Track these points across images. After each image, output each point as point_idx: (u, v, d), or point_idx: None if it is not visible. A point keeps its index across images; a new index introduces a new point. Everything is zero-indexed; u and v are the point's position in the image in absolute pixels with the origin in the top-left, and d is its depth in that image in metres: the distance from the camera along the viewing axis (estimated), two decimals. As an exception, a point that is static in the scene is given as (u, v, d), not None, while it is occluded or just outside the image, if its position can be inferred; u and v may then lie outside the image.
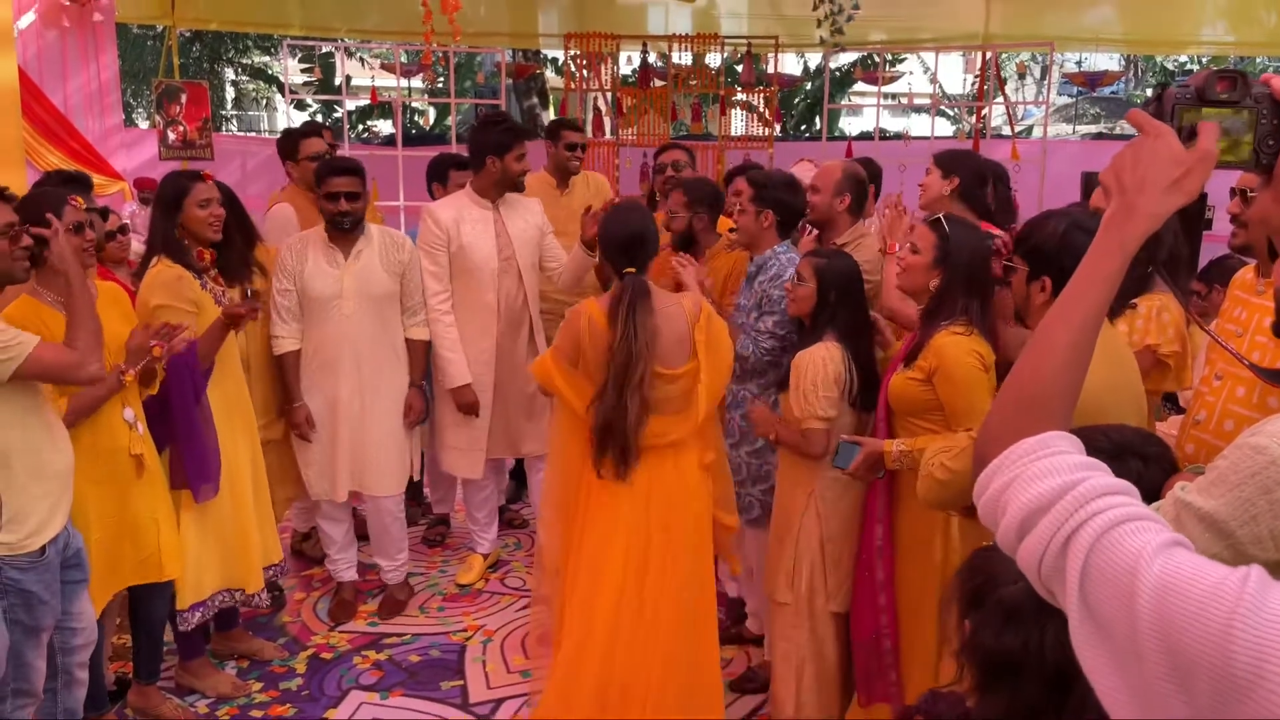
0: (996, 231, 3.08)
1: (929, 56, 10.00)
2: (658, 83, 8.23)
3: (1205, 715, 0.77)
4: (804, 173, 4.35)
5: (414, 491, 5.05)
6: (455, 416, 4.37)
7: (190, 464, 3.42)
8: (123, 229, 4.32)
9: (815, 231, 3.99)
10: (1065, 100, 20.83)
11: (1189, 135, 1.13)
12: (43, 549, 2.76)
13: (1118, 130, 19.39)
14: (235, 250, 3.74)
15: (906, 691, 2.89)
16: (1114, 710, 0.87)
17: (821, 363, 2.99)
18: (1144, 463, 1.74)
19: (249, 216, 3.97)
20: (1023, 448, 1.03)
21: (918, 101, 11.22)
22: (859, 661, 3.04)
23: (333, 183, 3.96)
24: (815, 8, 6.92)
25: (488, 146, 4.24)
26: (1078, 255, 2.33)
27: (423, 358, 4.26)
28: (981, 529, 2.46)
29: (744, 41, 8.37)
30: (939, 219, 2.78)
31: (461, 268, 4.25)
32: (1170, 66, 18.54)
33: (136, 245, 4.30)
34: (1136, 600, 0.83)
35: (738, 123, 8.43)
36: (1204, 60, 15.79)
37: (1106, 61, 20.31)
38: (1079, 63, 13.11)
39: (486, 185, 4.28)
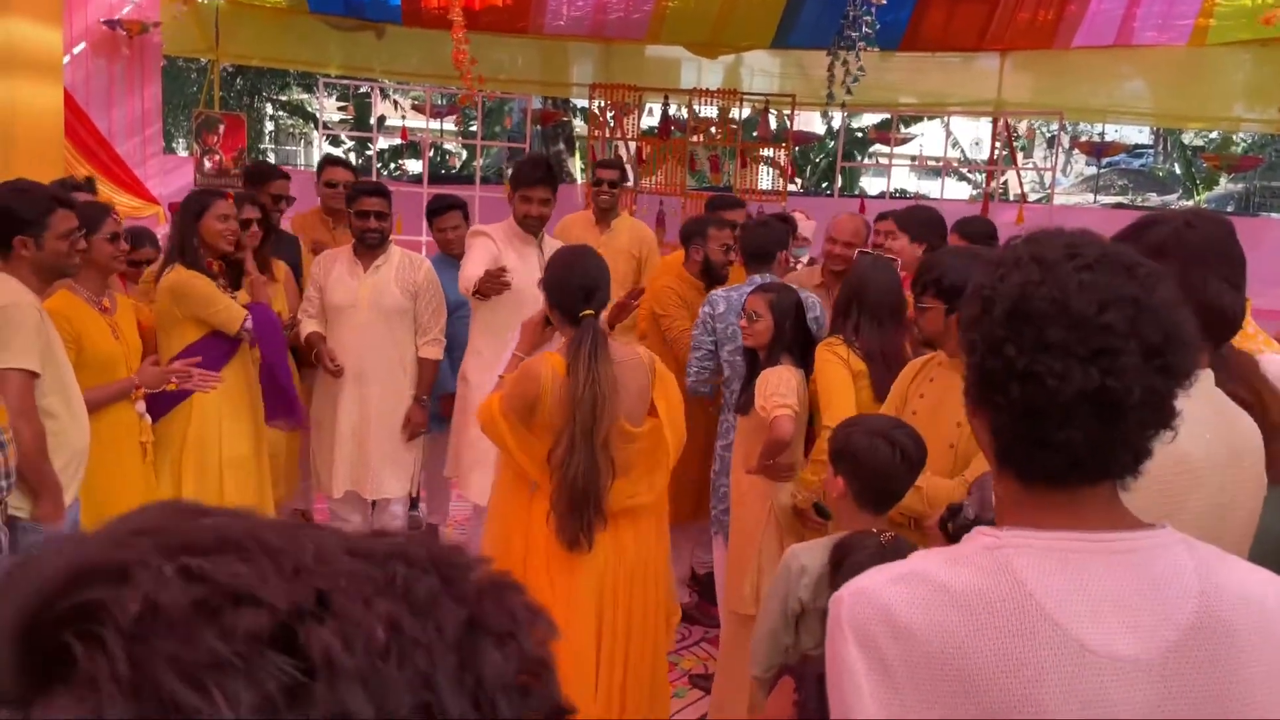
0: None
1: (952, 121, 10.15)
2: (677, 134, 8.50)
3: None
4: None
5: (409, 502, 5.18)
6: (480, 435, 4.44)
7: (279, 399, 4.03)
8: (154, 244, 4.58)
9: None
10: (1094, 170, 20.91)
11: None
12: None
13: (1139, 201, 19.48)
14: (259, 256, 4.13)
15: None
16: None
17: (788, 377, 3.21)
18: (890, 445, 2.26)
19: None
20: None
21: (934, 164, 11.43)
22: None
23: (364, 202, 4.28)
24: (829, 70, 7.17)
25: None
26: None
27: (431, 375, 4.44)
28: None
29: (762, 98, 8.64)
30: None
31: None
32: (1199, 143, 18.61)
33: None
34: None
35: (762, 177, 8.66)
36: (1214, 135, 15.90)
37: (1136, 135, 20.47)
38: (1101, 133, 13.28)
39: (516, 217, 4.55)
